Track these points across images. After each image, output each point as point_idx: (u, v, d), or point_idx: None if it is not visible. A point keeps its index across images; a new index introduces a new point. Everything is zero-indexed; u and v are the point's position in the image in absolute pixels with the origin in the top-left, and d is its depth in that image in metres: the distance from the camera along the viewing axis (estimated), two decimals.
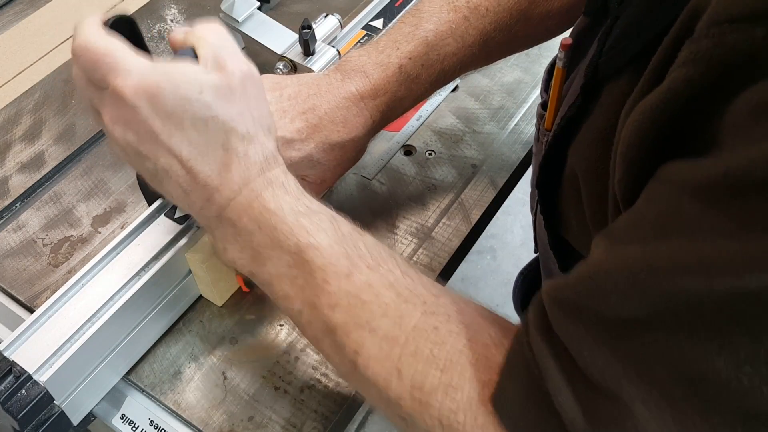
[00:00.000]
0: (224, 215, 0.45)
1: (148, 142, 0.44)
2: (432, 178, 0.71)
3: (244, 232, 0.45)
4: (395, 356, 0.39)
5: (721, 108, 0.28)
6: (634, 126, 0.31)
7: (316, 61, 0.70)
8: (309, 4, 0.90)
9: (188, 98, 0.43)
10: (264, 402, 0.57)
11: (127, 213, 0.70)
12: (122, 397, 0.59)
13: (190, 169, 0.44)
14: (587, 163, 0.40)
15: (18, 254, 0.67)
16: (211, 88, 0.43)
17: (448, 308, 0.41)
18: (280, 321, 0.62)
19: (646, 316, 0.29)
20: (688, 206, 0.28)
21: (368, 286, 0.42)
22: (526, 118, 0.76)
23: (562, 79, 0.48)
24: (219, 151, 0.44)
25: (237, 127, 0.44)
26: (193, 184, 0.45)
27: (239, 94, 0.45)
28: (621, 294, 0.30)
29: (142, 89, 0.42)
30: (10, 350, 0.52)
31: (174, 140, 0.43)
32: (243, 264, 0.46)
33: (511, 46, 0.64)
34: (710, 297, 0.27)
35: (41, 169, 0.74)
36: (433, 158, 0.73)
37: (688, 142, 0.30)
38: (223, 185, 0.44)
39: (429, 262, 0.65)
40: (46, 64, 0.85)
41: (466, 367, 0.38)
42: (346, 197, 0.71)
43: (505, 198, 0.72)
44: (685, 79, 0.29)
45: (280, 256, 0.44)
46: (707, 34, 0.27)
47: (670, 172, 0.30)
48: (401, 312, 0.41)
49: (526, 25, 0.61)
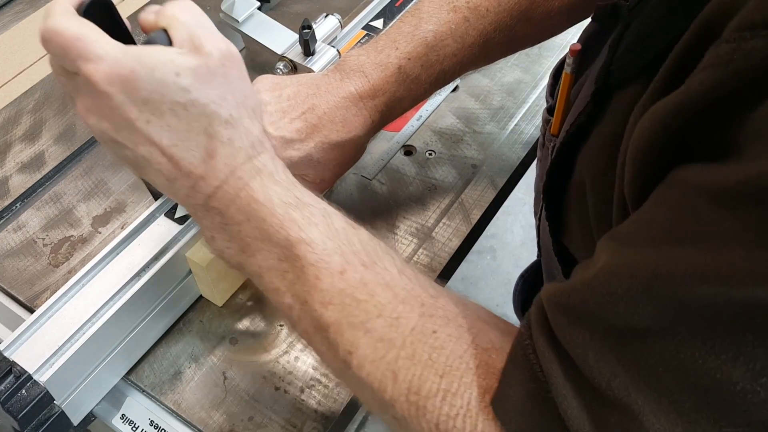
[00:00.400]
0: (210, 204, 0.43)
1: (125, 131, 0.42)
2: (432, 178, 0.71)
3: (232, 222, 0.43)
4: (391, 359, 0.39)
5: (741, 114, 0.27)
6: (647, 129, 0.31)
7: (317, 61, 0.70)
8: (309, 4, 0.90)
9: (165, 82, 0.40)
10: (264, 402, 0.57)
11: (127, 213, 0.70)
12: (122, 397, 0.59)
13: (172, 157, 0.42)
14: (595, 170, 0.39)
15: (18, 254, 0.67)
16: (188, 71, 0.41)
17: (446, 310, 0.41)
18: (280, 321, 0.62)
19: (657, 324, 0.29)
20: (705, 211, 0.27)
21: (363, 285, 0.41)
22: (527, 118, 0.76)
23: (570, 84, 0.48)
24: (201, 137, 0.42)
25: (219, 111, 0.42)
26: (175, 172, 0.43)
27: (219, 75, 0.42)
28: (630, 300, 0.29)
29: (115, 75, 0.40)
30: (10, 350, 0.52)
31: (152, 127, 0.41)
32: (231, 254, 0.45)
33: (511, 47, 0.64)
34: (727, 306, 0.26)
35: (41, 169, 0.74)
36: (433, 158, 0.73)
37: (702, 147, 0.29)
38: (208, 173, 0.42)
39: (429, 262, 0.65)
40: (46, 64, 0.85)
41: (466, 372, 0.37)
42: (346, 197, 0.71)
43: (505, 198, 0.72)
44: (702, 83, 0.28)
45: (270, 249, 0.42)
46: (729, 40, 0.27)
47: (685, 176, 0.29)
48: (398, 313, 0.40)
49: (526, 26, 0.60)
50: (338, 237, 0.43)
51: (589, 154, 0.41)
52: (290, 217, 0.42)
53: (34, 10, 0.92)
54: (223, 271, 0.60)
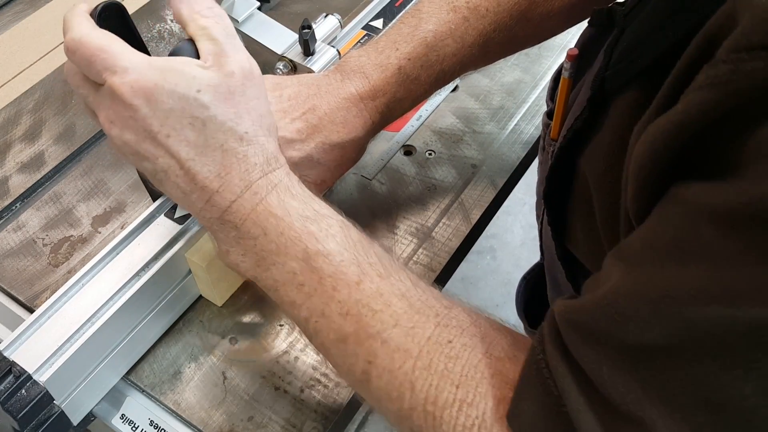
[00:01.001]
0: (225, 218, 0.44)
1: (146, 142, 0.43)
2: (432, 178, 0.71)
3: (247, 236, 0.44)
4: (408, 368, 0.39)
5: (742, 134, 0.27)
6: (647, 147, 0.31)
7: (316, 61, 0.70)
8: (309, 4, 0.90)
9: (186, 98, 0.42)
10: (264, 402, 0.57)
11: (127, 213, 0.70)
12: (122, 397, 0.59)
13: (188, 170, 0.43)
14: (596, 176, 0.40)
15: (18, 254, 0.67)
16: (209, 88, 0.42)
17: (460, 320, 0.41)
18: (280, 321, 0.62)
19: (668, 342, 0.29)
20: (708, 231, 0.27)
21: (379, 295, 0.41)
22: (526, 118, 0.76)
23: (568, 89, 0.48)
24: (218, 152, 0.43)
25: (235, 127, 0.43)
26: (192, 185, 0.44)
27: (239, 94, 0.44)
28: (640, 321, 0.30)
29: (140, 87, 0.41)
30: (10, 350, 0.52)
31: (172, 140, 0.43)
32: (246, 268, 0.45)
33: (511, 47, 0.64)
34: (735, 325, 0.26)
35: (41, 169, 0.74)
36: (433, 158, 0.73)
37: (703, 165, 0.29)
38: (224, 187, 0.44)
39: (429, 262, 0.65)
40: (46, 64, 0.85)
41: (481, 382, 0.38)
42: (346, 197, 0.71)
43: (505, 198, 0.72)
44: (701, 103, 0.28)
45: (286, 262, 0.43)
46: (726, 60, 0.27)
47: (685, 194, 0.29)
48: (413, 322, 0.40)
49: (525, 26, 0.60)
50: (355, 248, 0.43)
51: (591, 161, 0.41)
52: (308, 231, 0.43)
53: (33, 10, 0.92)
54: (223, 271, 0.60)
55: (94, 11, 0.45)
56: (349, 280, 0.41)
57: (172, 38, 0.87)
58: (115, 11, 0.47)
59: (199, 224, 0.59)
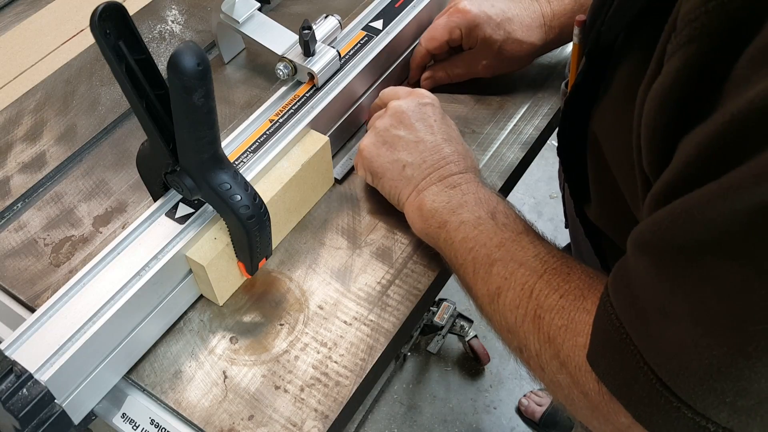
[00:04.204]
0: (450, 181, 0.62)
1: (400, 136, 0.65)
2: None
3: (459, 193, 0.61)
4: (533, 282, 0.50)
5: (725, 73, 0.32)
6: (650, 114, 0.37)
7: (317, 61, 0.70)
8: (309, 5, 0.90)
9: (418, 120, 0.66)
10: (264, 401, 0.57)
11: (128, 213, 0.70)
12: (123, 396, 0.59)
13: (405, 166, 0.64)
14: (605, 129, 0.49)
15: (19, 254, 0.67)
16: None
17: (573, 266, 0.51)
18: (280, 320, 0.62)
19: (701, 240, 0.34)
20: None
21: (524, 240, 0.55)
22: (526, 118, 0.77)
23: (578, 54, 0.54)
24: (426, 153, 0.64)
25: (443, 144, 0.65)
26: (403, 174, 0.64)
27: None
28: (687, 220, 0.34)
29: (406, 109, 0.65)
30: (11, 349, 0.52)
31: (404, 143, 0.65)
32: (439, 208, 0.60)
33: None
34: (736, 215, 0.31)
35: (42, 169, 0.74)
36: None
37: (700, 109, 0.34)
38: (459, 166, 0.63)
39: (429, 262, 0.65)
40: (47, 65, 0.85)
41: (579, 298, 0.48)
42: (347, 197, 0.71)
43: (505, 198, 0.72)
44: (680, 65, 0.34)
45: (476, 210, 0.58)
46: (685, 21, 0.33)
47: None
48: (545, 256, 0.52)
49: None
50: (516, 221, 0.57)
51: (600, 119, 0.49)
52: (495, 200, 0.59)
53: (35, 11, 0.93)
54: (224, 270, 0.60)
55: (95, 11, 0.45)
56: (511, 229, 0.56)
57: (173, 39, 0.87)
58: (115, 11, 0.47)
59: (199, 224, 0.59)
